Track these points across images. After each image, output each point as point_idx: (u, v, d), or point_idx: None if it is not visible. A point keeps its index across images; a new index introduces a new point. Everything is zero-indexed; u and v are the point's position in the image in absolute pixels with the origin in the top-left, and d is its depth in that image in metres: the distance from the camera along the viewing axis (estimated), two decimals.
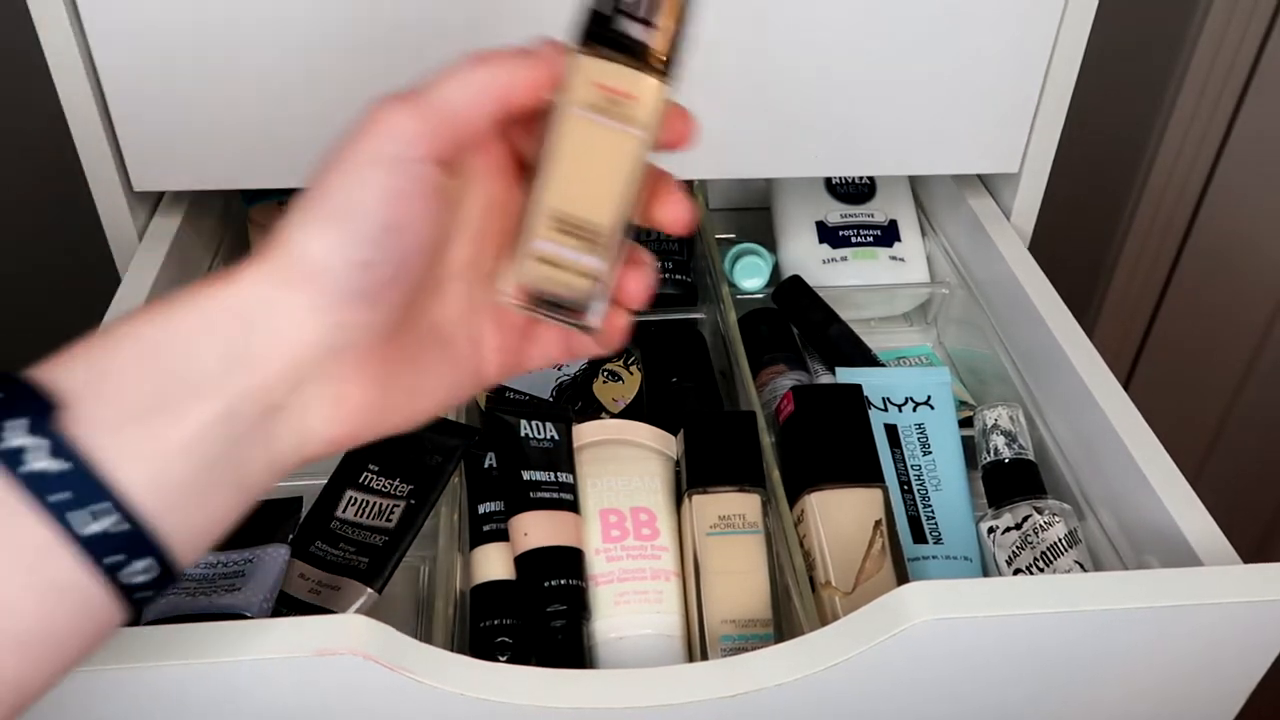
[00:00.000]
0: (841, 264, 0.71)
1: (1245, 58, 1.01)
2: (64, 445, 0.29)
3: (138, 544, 0.30)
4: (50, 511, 0.29)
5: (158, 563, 0.30)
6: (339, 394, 0.34)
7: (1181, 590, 0.42)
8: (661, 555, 0.51)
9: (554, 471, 0.52)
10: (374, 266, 0.33)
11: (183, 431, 0.31)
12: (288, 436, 0.33)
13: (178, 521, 0.31)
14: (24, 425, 0.29)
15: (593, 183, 0.35)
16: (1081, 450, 0.56)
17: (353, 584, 0.49)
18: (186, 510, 0.31)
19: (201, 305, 0.32)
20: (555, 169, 0.35)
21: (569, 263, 0.36)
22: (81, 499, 0.29)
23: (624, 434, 0.55)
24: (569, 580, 0.50)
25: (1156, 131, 1.05)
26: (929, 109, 0.61)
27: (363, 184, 0.33)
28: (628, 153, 0.35)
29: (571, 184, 0.35)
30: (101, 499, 0.29)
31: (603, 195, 0.35)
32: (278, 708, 0.40)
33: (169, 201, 0.64)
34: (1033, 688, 0.45)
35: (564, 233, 0.35)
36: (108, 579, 0.30)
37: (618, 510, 0.52)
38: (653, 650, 0.49)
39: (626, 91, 0.35)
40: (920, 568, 0.54)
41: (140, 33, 0.54)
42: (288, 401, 0.33)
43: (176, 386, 0.31)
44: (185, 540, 0.31)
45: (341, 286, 0.32)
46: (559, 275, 0.36)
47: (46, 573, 0.29)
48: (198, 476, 0.31)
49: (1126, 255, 1.13)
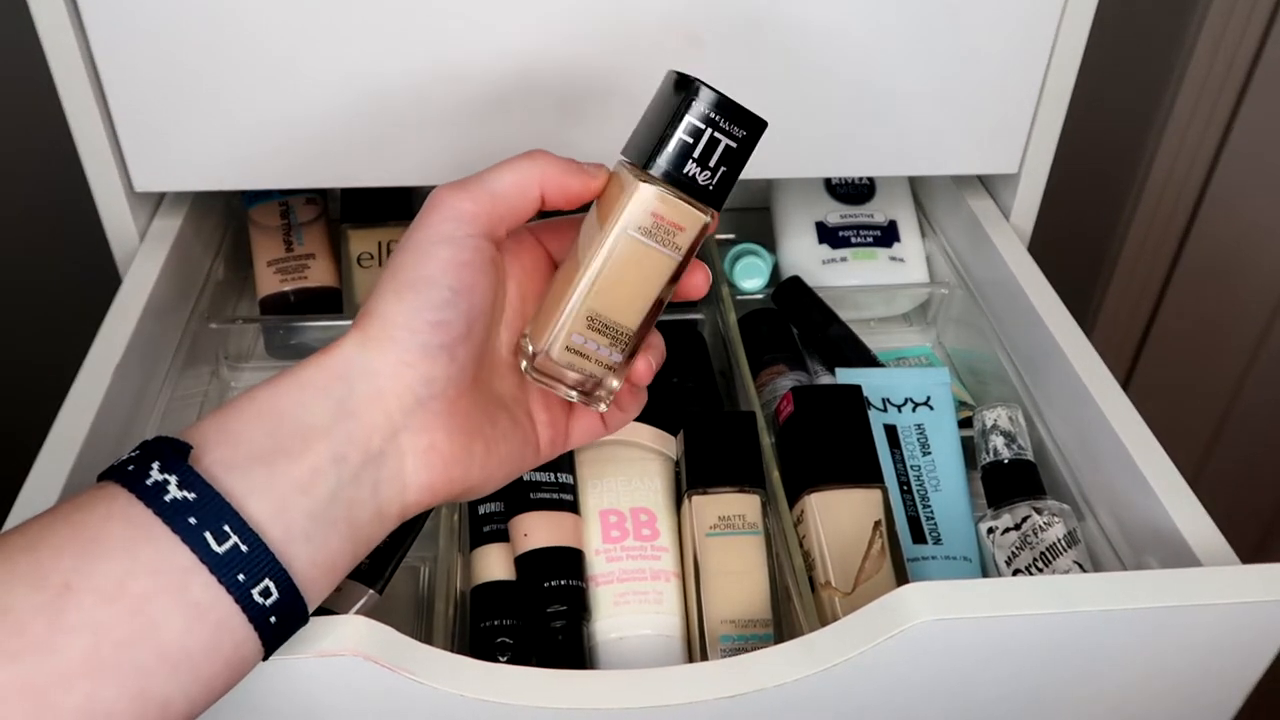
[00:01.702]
0: (841, 264, 0.71)
1: (1244, 58, 1.01)
2: (193, 478, 0.33)
3: (262, 565, 0.33)
4: (186, 535, 0.32)
5: (280, 587, 0.34)
6: (430, 443, 0.38)
7: (1180, 590, 0.42)
8: (661, 556, 0.51)
9: (554, 472, 0.53)
10: (447, 325, 0.38)
11: (299, 471, 0.35)
12: (389, 482, 0.37)
13: (299, 552, 0.35)
14: (158, 466, 0.33)
15: (629, 292, 0.40)
16: (1081, 451, 0.56)
17: (354, 585, 0.49)
18: (307, 544, 0.35)
19: (309, 371, 0.37)
20: (600, 275, 0.40)
21: (593, 354, 0.41)
22: (210, 523, 0.33)
23: (624, 435, 0.55)
24: (569, 581, 0.50)
25: (1155, 132, 1.05)
26: (929, 109, 0.61)
27: (431, 258, 0.39)
28: (665, 271, 0.40)
29: (611, 291, 0.40)
30: (226, 522, 0.33)
31: (635, 303, 0.41)
32: (278, 708, 0.40)
33: (170, 202, 0.64)
34: (1032, 688, 0.45)
35: (595, 330, 0.40)
36: (237, 599, 0.33)
37: (618, 511, 0.52)
38: (652, 651, 0.49)
39: (676, 223, 0.39)
40: (920, 568, 0.54)
41: (140, 33, 0.54)
42: (386, 449, 0.37)
43: (292, 436, 0.35)
44: (307, 573, 0.35)
45: (421, 342, 0.38)
46: (582, 364, 0.41)
47: (189, 592, 0.32)
48: (315, 512, 0.35)
49: (1126, 255, 1.13)
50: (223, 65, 0.55)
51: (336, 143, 0.58)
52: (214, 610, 0.33)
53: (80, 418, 0.49)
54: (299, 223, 0.69)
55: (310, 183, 0.61)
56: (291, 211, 0.70)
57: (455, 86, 0.57)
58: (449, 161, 0.59)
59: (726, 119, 0.39)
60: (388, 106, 0.57)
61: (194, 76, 0.56)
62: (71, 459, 0.47)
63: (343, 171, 0.60)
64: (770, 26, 0.57)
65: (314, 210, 0.70)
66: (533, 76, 0.57)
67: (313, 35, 0.55)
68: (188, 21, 0.54)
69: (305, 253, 0.68)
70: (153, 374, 0.57)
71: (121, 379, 0.52)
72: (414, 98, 0.57)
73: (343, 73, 0.56)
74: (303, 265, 0.68)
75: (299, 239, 0.69)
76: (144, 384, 0.56)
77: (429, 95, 0.57)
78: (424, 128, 0.58)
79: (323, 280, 0.68)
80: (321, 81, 0.56)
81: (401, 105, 0.57)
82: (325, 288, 0.68)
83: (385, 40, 0.55)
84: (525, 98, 0.57)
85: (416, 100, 0.57)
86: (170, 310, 0.60)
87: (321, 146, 0.59)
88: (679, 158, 0.39)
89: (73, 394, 0.50)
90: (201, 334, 0.64)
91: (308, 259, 0.68)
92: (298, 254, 0.68)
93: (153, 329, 0.57)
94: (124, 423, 0.53)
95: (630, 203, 0.39)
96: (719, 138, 0.39)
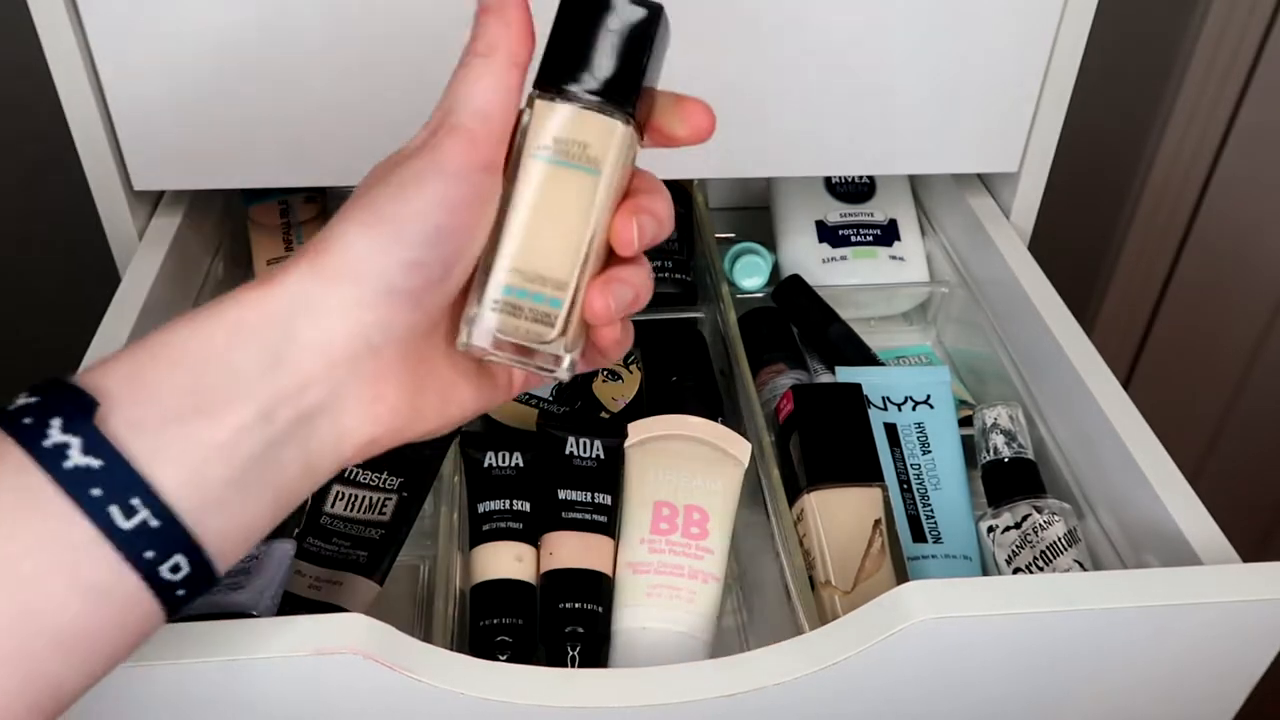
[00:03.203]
0: (841, 263, 0.71)
1: (1245, 57, 1.01)
2: (99, 442, 0.29)
3: (173, 541, 0.30)
4: (89, 508, 0.29)
5: (192, 561, 0.31)
6: (375, 394, 0.34)
7: (1181, 589, 0.42)
8: (705, 557, 0.51)
9: (592, 492, 0.53)
10: (422, 267, 0.33)
11: (218, 433, 0.31)
12: (324, 436, 0.33)
13: (214, 523, 0.31)
14: (59, 424, 0.29)
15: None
16: (1081, 449, 0.56)
17: (357, 579, 0.49)
18: (223, 512, 0.31)
19: (239, 310, 0.32)
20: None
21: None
22: (117, 495, 0.29)
23: (696, 431, 0.54)
24: (588, 605, 0.49)
25: (1156, 131, 1.05)
26: (929, 109, 0.61)
27: (419, 192, 0.34)
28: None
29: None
30: (135, 494, 0.29)
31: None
32: (277, 707, 0.40)
33: (169, 201, 0.64)
34: (1032, 687, 0.45)
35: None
36: (144, 576, 0.30)
37: (671, 504, 0.52)
38: (674, 647, 0.49)
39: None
40: (920, 567, 0.54)
41: (140, 33, 0.54)
42: (325, 402, 0.33)
43: (213, 390, 0.31)
44: (222, 542, 0.31)
45: (387, 284, 0.33)
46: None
47: (87, 571, 0.29)
48: (234, 478, 0.31)
49: (1126, 255, 1.13)
50: (222, 65, 0.55)
51: (336, 142, 0.58)
52: (117, 589, 0.30)
53: None
54: (298, 221, 0.69)
55: (310, 182, 0.61)
56: (291, 210, 0.70)
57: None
58: None
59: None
60: (387, 105, 0.57)
61: (193, 76, 0.56)
62: None
63: (343, 171, 0.60)
64: (770, 25, 0.57)
65: (313, 209, 0.70)
66: (531, 76, 0.57)
67: (312, 34, 0.55)
68: (188, 21, 0.54)
69: None
70: None
71: None
72: (414, 97, 0.57)
73: (342, 71, 0.56)
74: None
75: (298, 238, 0.69)
76: None
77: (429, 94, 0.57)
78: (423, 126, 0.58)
79: None
80: (321, 80, 0.56)
81: (401, 104, 0.57)
82: None
83: (385, 39, 0.55)
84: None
85: (416, 99, 0.57)
86: (169, 309, 0.60)
87: (321, 146, 0.59)
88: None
89: None
90: None
91: None
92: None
93: (152, 328, 0.56)
94: None
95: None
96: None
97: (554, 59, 0.36)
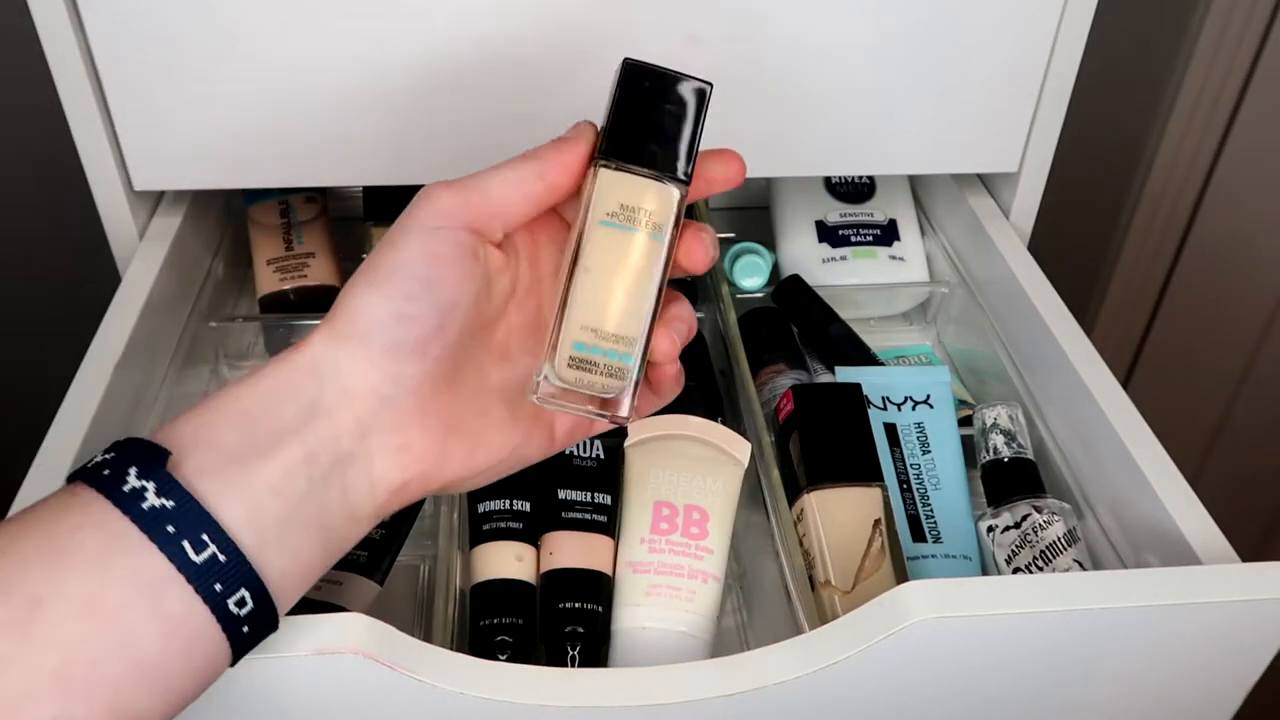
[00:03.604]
0: (841, 263, 0.71)
1: (1244, 58, 1.01)
2: (171, 484, 0.32)
3: (238, 575, 0.33)
4: (164, 543, 0.32)
5: (255, 595, 0.33)
6: (401, 442, 0.37)
7: (1180, 589, 0.42)
8: (705, 557, 0.51)
9: (592, 492, 0.53)
10: (414, 319, 0.36)
11: (271, 474, 0.34)
12: (359, 483, 0.36)
13: (274, 560, 0.34)
14: (135, 471, 0.33)
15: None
16: (1080, 449, 0.56)
17: (357, 579, 0.49)
18: (280, 550, 0.34)
19: (282, 369, 0.36)
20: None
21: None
22: (188, 531, 0.32)
23: (697, 431, 0.54)
24: (588, 604, 0.50)
25: (1156, 131, 1.05)
26: (929, 109, 0.61)
27: (405, 247, 0.37)
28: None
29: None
30: (204, 529, 0.32)
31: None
32: (277, 707, 0.40)
33: (169, 201, 0.64)
34: (1032, 687, 0.45)
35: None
36: (213, 608, 0.32)
37: (671, 504, 0.52)
38: (673, 646, 0.49)
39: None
40: (919, 567, 0.54)
41: (140, 32, 0.54)
42: (355, 450, 0.36)
43: (264, 436, 0.35)
44: (281, 579, 0.34)
45: (390, 338, 0.36)
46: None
47: (164, 603, 0.32)
48: (287, 515, 0.34)
49: (1126, 255, 1.13)
50: (222, 63, 0.55)
51: (336, 142, 0.58)
52: (189, 621, 0.32)
53: (79, 416, 0.49)
54: (299, 221, 0.69)
55: (309, 182, 0.61)
56: (291, 210, 0.70)
57: (457, 85, 0.57)
58: (451, 160, 0.59)
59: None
60: (388, 105, 0.57)
61: (193, 75, 0.56)
62: (70, 458, 0.47)
63: (342, 170, 0.60)
64: (770, 25, 0.57)
65: (314, 209, 0.70)
66: (533, 76, 0.57)
67: (312, 33, 0.55)
68: (187, 20, 0.54)
69: (305, 251, 0.68)
70: (152, 373, 0.57)
71: (121, 378, 0.52)
72: (414, 96, 0.57)
73: (342, 70, 0.56)
74: (302, 264, 0.68)
75: (299, 237, 0.69)
76: (143, 383, 0.56)
77: (429, 93, 0.57)
78: (424, 126, 0.58)
79: (323, 279, 0.68)
80: (321, 80, 0.56)
81: (401, 103, 0.57)
82: (325, 286, 0.68)
83: (385, 38, 0.55)
84: (525, 96, 0.57)
85: (416, 98, 0.57)
86: (170, 309, 0.60)
87: (321, 145, 0.59)
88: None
89: (72, 392, 0.50)
90: (201, 333, 0.64)
91: (308, 258, 0.68)
92: (297, 253, 0.68)
93: (152, 328, 0.57)
94: (123, 421, 0.53)
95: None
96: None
97: (618, 133, 0.39)
